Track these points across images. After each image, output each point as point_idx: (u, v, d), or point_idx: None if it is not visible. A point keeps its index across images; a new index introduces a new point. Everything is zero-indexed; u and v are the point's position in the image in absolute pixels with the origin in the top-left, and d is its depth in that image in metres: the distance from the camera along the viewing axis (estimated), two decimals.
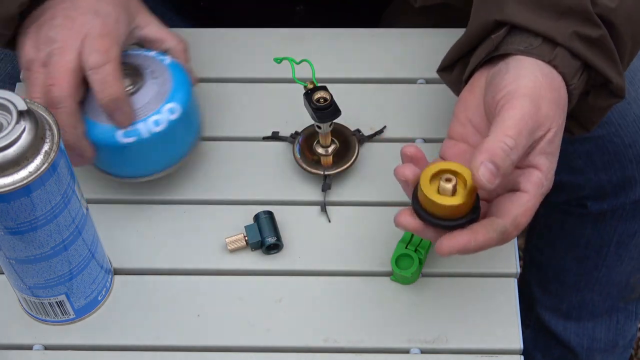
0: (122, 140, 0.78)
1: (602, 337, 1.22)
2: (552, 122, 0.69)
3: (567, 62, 0.71)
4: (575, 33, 0.71)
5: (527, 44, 0.71)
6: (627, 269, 1.14)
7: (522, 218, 0.68)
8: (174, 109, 0.79)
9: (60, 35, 0.76)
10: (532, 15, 0.72)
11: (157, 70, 0.80)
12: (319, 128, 0.83)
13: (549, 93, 0.70)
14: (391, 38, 0.95)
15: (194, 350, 0.78)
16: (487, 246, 0.68)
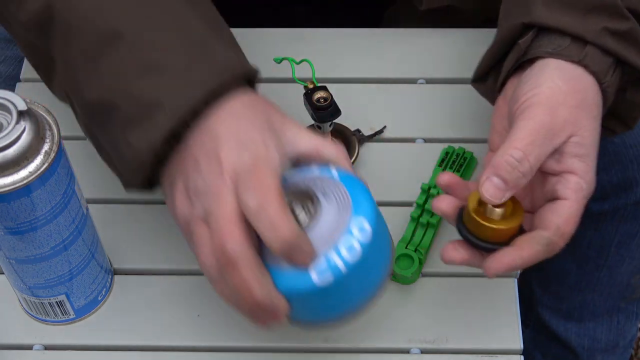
0: (318, 281, 0.64)
1: (603, 338, 1.22)
2: (574, 126, 0.68)
3: (598, 59, 0.70)
4: (604, 29, 0.70)
5: (556, 45, 0.71)
6: (628, 270, 1.14)
7: (566, 226, 0.68)
8: (364, 228, 0.64)
9: (210, 183, 0.65)
10: (560, 15, 0.70)
11: (328, 188, 0.67)
12: (319, 128, 0.83)
13: (569, 98, 0.69)
14: (391, 38, 0.95)
15: (194, 350, 0.78)
16: (535, 260, 0.68)
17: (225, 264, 0.64)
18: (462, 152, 0.86)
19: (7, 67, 1.02)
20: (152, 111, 0.67)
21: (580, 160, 0.68)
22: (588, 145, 0.69)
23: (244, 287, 0.64)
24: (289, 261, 0.64)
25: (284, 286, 0.65)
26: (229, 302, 0.67)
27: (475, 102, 0.91)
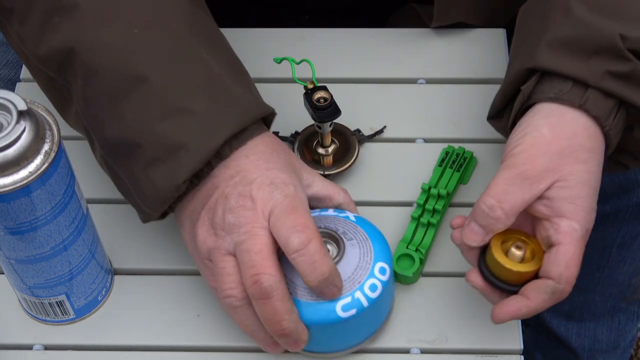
0: (343, 315, 0.71)
1: (604, 338, 1.22)
2: (555, 172, 0.69)
3: (599, 103, 0.71)
4: (607, 72, 0.70)
5: (557, 90, 0.72)
6: (629, 270, 1.14)
7: (568, 271, 0.69)
8: (384, 269, 0.72)
9: (243, 219, 0.69)
10: (563, 59, 0.72)
11: (349, 230, 0.74)
12: (319, 128, 0.83)
13: (552, 145, 0.70)
14: (391, 38, 0.95)
15: (194, 350, 0.78)
16: (542, 308, 0.70)
17: (259, 295, 0.69)
18: (462, 151, 0.86)
19: (9, 70, 1.02)
20: (177, 152, 0.71)
21: (568, 202, 0.69)
22: (575, 186, 0.70)
23: (275, 318, 0.69)
24: (320, 295, 0.70)
25: (309, 318, 0.71)
26: (246, 330, 0.72)
27: (475, 102, 0.91)
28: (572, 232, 0.70)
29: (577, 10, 0.72)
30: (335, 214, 0.76)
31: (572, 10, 0.72)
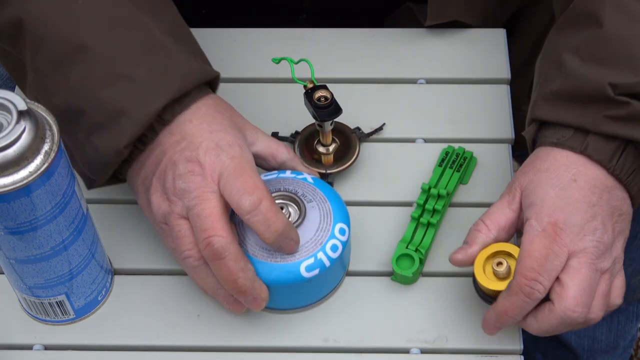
0: (307, 275, 0.75)
1: (603, 338, 1.22)
2: (522, 185, 0.74)
3: (601, 147, 0.73)
4: (605, 116, 0.72)
5: (560, 136, 0.74)
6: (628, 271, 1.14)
7: (521, 265, 0.71)
8: (344, 229, 0.76)
9: (193, 184, 0.72)
10: (559, 110, 0.74)
11: (307, 192, 0.77)
12: (320, 127, 0.83)
13: (536, 176, 0.74)
14: (391, 38, 0.95)
15: (194, 350, 0.78)
16: (509, 309, 0.72)
17: (212, 257, 0.72)
18: (462, 152, 0.86)
19: None
20: (118, 118, 0.73)
21: (529, 207, 0.73)
22: (533, 191, 0.73)
23: (230, 277, 0.72)
24: (279, 250, 0.74)
25: (276, 279, 0.74)
26: (207, 290, 0.76)
27: (475, 102, 0.91)
28: (529, 230, 0.72)
29: (569, 63, 0.74)
30: (293, 176, 0.79)
31: (564, 63, 0.75)
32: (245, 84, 0.93)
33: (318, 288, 0.78)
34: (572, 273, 0.70)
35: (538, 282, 0.70)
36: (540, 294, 0.70)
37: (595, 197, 0.72)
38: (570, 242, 0.71)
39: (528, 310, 0.71)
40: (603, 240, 0.72)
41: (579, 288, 0.70)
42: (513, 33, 1.01)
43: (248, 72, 0.93)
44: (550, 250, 0.71)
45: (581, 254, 0.71)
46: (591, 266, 0.71)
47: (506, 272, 0.74)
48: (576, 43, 0.75)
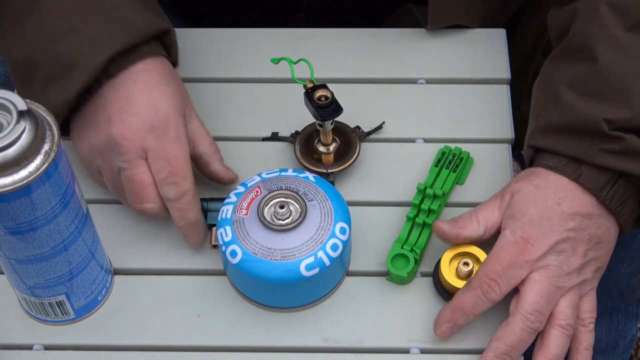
0: (307, 274, 0.75)
1: (603, 338, 1.22)
2: (513, 189, 0.78)
3: (593, 177, 0.75)
4: (600, 150, 0.74)
5: (556, 161, 0.77)
6: (627, 271, 1.14)
7: (484, 266, 0.75)
8: (344, 229, 0.77)
9: (124, 148, 0.76)
10: (556, 141, 0.77)
11: (308, 191, 0.77)
12: (320, 126, 0.83)
13: (527, 188, 0.77)
14: (391, 38, 0.95)
15: (194, 350, 0.78)
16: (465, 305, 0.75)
17: (149, 217, 0.79)
18: (458, 152, 0.86)
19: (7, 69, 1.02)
20: (70, 69, 0.77)
21: (508, 219, 0.76)
22: (517, 209, 0.76)
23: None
24: (185, 237, 0.80)
25: (277, 277, 0.75)
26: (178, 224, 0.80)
27: (475, 102, 0.91)
28: (502, 239, 0.76)
29: (564, 97, 0.77)
30: (295, 175, 0.79)
31: (560, 97, 0.77)
32: (245, 84, 0.93)
33: (318, 287, 0.78)
34: (531, 284, 0.74)
35: (497, 283, 0.74)
36: (496, 295, 0.74)
37: (573, 223, 0.75)
38: (536, 258, 0.74)
39: (481, 309, 0.75)
40: (567, 262, 0.75)
41: (537, 296, 0.74)
42: (513, 33, 1.01)
43: (248, 72, 0.93)
44: (516, 260, 0.74)
45: (542, 269, 0.75)
46: (550, 281, 0.74)
47: (470, 274, 0.77)
48: (571, 77, 0.77)
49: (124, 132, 0.76)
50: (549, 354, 0.76)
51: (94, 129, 0.78)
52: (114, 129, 0.77)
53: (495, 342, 0.74)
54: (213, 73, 0.93)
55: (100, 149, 0.78)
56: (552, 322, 0.76)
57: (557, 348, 0.76)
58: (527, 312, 0.74)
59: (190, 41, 0.89)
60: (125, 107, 0.77)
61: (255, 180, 0.79)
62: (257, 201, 0.76)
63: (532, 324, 0.74)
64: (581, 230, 0.76)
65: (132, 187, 0.77)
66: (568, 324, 0.76)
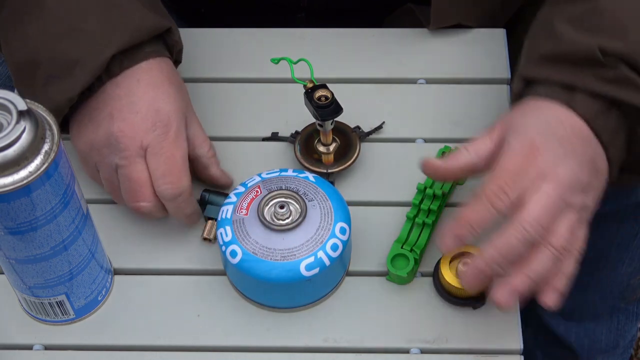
0: (307, 274, 0.75)
1: (603, 338, 1.22)
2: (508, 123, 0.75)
3: (587, 103, 0.74)
4: (593, 76, 0.74)
5: (548, 90, 0.75)
6: (628, 270, 1.14)
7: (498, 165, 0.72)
8: (344, 229, 0.77)
9: (123, 145, 0.77)
10: (550, 70, 0.75)
11: (309, 191, 0.78)
12: (320, 126, 0.83)
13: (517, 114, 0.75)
14: (391, 38, 0.95)
15: (194, 350, 0.78)
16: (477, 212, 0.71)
17: (144, 217, 0.80)
18: None
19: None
20: (72, 68, 0.77)
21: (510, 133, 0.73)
22: (517, 124, 0.73)
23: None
24: (179, 219, 0.81)
25: (274, 277, 0.75)
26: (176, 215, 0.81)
27: (475, 102, 0.91)
28: (507, 149, 0.72)
29: (560, 30, 0.76)
30: (294, 175, 0.79)
31: (556, 31, 0.76)
32: (245, 84, 0.93)
33: (318, 287, 0.78)
34: (539, 195, 0.70)
35: (505, 192, 0.70)
36: (504, 204, 0.69)
37: (577, 140, 0.72)
38: (545, 165, 0.71)
39: (487, 220, 0.70)
40: (577, 178, 0.71)
41: (543, 209, 0.69)
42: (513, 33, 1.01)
43: (248, 72, 0.93)
44: (524, 168, 0.70)
45: (553, 181, 0.70)
46: (561, 195, 0.70)
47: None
48: (569, 14, 0.76)
49: (124, 130, 0.77)
50: (529, 269, 0.70)
51: (94, 126, 0.78)
52: (115, 126, 0.77)
53: (489, 249, 0.70)
54: (213, 73, 0.93)
55: (99, 145, 0.78)
56: (547, 239, 0.70)
57: (540, 266, 0.70)
58: (529, 223, 0.69)
59: (190, 41, 0.89)
60: (127, 105, 0.77)
61: (255, 180, 0.79)
62: (257, 201, 0.76)
63: (531, 236, 0.69)
64: (584, 151, 0.73)
65: (128, 184, 0.78)
66: (562, 246, 0.70)
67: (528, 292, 0.70)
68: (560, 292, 0.71)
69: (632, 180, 0.80)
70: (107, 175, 0.79)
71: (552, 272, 0.70)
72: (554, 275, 0.71)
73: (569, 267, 0.71)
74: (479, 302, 0.78)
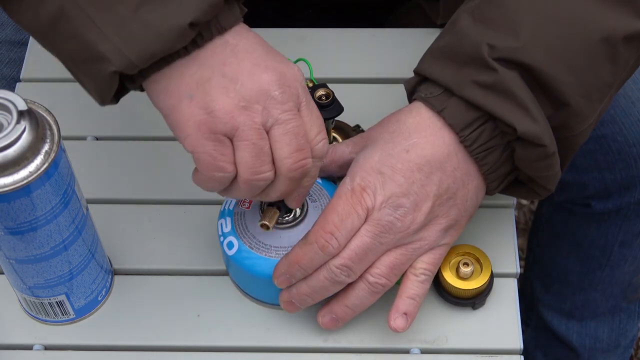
0: None
1: (605, 337, 1.22)
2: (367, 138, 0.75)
3: (459, 112, 0.71)
4: (472, 82, 0.70)
5: (429, 92, 0.73)
6: (630, 269, 1.14)
7: (321, 219, 0.72)
8: None
9: (285, 95, 0.66)
10: (438, 67, 0.72)
11: (313, 192, 0.77)
12: None
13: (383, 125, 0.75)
14: (391, 38, 0.95)
15: (194, 350, 0.78)
16: (300, 257, 0.72)
17: (301, 176, 0.69)
18: None
19: (11, 69, 1.02)
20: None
21: (354, 163, 0.73)
22: (363, 153, 0.73)
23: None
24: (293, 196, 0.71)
25: (269, 274, 0.74)
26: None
27: None
28: (341, 186, 0.72)
29: (461, 22, 0.73)
30: None
31: (458, 21, 0.73)
32: None
33: None
34: (356, 236, 0.71)
35: (334, 237, 0.70)
36: (334, 249, 0.70)
37: (420, 175, 0.71)
38: (371, 208, 0.71)
39: (319, 263, 0.71)
40: (404, 219, 0.71)
41: (352, 251, 0.70)
42: None
43: None
44: (353, 209, 0.70)
45: (372, 222, 0.71)
46: (375, 238, 0.71)
47: (470, 274, 0.76)
48: (474, 5, 0.73)
49: (281, 79, 0.66)
50: (345, 300, 0.73)
51: (231, 81, 0.65)
52: (267, 75, 0.65)
53: (300, 283, 0.72)
54: None
55: (249, 100, 0.65)
56: (363, 275, 0.72)
57: (356, 298, 0.73)
58: (336, 265, 0.71)
59: None
60: (265, 55, 0.66)
61: None
62: None
63: (337, 277, 0.71)
64: (428, 185, 0.71)
65: (296, 142, 0.67)
66: (377, 282, 0.72)
67: (347, 320, 0.75)
68: (405, 315, 0.73)
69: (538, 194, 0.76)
70: (257, 139, 0.66)
71: (398, 293, 0.73)
72: (398, 296, 0.73)
73: (413, 288, 0.73)
74: (479, 302, 0.78)
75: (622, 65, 0.72)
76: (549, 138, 0.71)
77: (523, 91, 0.70)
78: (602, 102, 0.73)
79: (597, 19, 0.70)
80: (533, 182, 0.74)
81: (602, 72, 0.71)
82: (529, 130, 0.69)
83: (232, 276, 0.80)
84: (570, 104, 0.70)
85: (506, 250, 0.81)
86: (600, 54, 0.71)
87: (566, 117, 0.71)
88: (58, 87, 0.91)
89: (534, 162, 0.72)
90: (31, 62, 0.94)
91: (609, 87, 0.73)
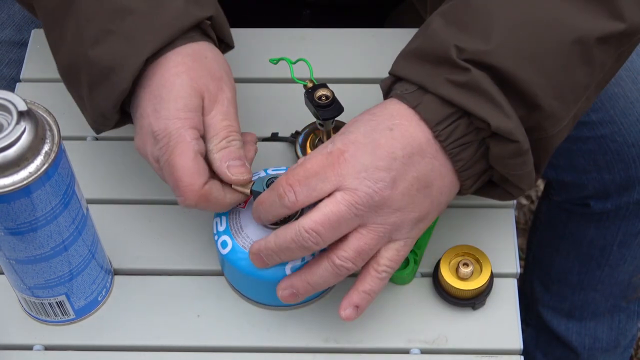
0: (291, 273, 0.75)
1: (604, 337, 1.22)
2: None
3: (433, 108, 0.70)
4: (446, 80, 0.70)
5: (404, 89, 0.72)
6: (629, 269, 1.14)
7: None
8: None
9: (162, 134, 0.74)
10: (411, 68, 0.72)
11: None
12: (321, 126, 0.82)
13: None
14: (391, 38, 0.95)
15: (194, 350, 0.78)
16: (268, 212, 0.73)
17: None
18: None
19: (11, 70, 1.02)
20: (108, 74, 0.74)
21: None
22: (346, 127, 0.73)
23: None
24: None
25: (263, 275, 0.74)
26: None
27: None
28: (319, 147, 0.72)
29: (433, 23, 0.73)
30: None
31: (430, 23, 0.73)
32: (245, 84, 0.93)
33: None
34: (330, 201, 0.69)
35: (293, 190, 0.69)
36: (289, 202, 0.69)
37: (402, 152, 0.70)
38: (347, 175, 0.69)
39: (276, 212, 0.71)
40: (382, 194, 0.69)
41: (325, 216, 0.69)
42: None
43: (248, 72, 0.93)
44: (323, 170, 0.69)
45: (350, 191, 0.69)
46: (352, 207, 0.69)
47: (470, 274, 0.77)
48: (447, 7, 0.73)
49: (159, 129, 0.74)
50: (308, 276, 0.72)
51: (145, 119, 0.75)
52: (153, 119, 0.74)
53: (269, 238, 0.71)
54: None
55: (145, 136, 0.75)
56: (330, 252, 0.70)
57: (319, 277, 0.71)
58: (305, 228, 0.69)
59: None
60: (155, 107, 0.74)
61: (260, 175, 0.79)
62: None
63: (305, 242, 0.69)
64: (409, 165, 0.70)
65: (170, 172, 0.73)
66: (343, 265, 0.70)
67: (307, 295, 0.73)
68: (356, 307, 0.72)
69: (513, 194, 0.76)
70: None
71: (354, 286, 0.72)
72: (354, 289, 0.72)
73: (369, 284, 0.72)
74: (479, 302, 0.78)
75: (598, 67, 0.72)
76: (522, 135, 0.71)
77: (495, 90, 0.70)
78: (578, 103, 0.73)
79: (569, 21, 0.70)
80: (507, 183, 0.74)
81: (576, 74, 0.71)
82: (502, 126, 0.69)
83: (226, 275, 0.80)
84: (542, 105, 0.70)
85: (506, 250, 0.81)
86: (574, 56, 0.70)
87: (539, 119, 0.71)
88: (58, 87, 0.90)
89: (508, 159, 0.71)
90: (31, 62, 0.94)
91: (584, 88, 0.73)
